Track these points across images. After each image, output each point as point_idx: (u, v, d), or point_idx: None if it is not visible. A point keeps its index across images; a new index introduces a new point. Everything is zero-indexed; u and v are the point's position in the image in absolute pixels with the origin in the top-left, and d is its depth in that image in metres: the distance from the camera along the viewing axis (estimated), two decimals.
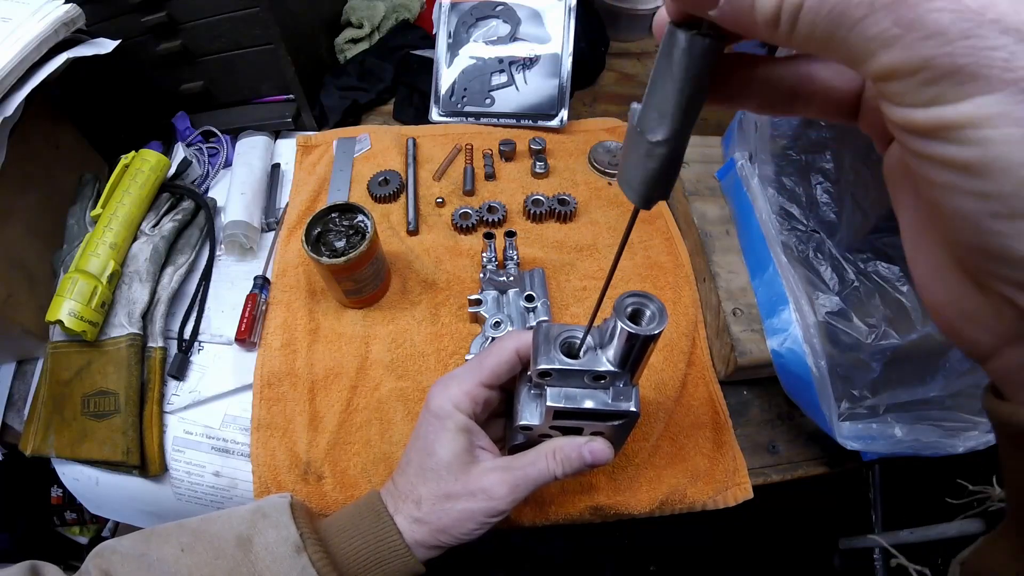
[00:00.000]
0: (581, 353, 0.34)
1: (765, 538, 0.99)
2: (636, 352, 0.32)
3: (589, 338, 0.34)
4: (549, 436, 0.40)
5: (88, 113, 0.68)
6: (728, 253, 0.60)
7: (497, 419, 0.46)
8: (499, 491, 0.38)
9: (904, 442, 0.48)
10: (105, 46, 0.59)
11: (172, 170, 0.67)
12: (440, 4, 0.76)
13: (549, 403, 0.35)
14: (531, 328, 0.39)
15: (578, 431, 0.39)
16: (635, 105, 0.21)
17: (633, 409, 0.35)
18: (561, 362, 0.33)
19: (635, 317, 0.32)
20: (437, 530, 0.39)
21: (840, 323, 0.48)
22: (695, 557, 1.04)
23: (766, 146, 0.56)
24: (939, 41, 0.13)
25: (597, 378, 0.34)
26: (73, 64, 0.56)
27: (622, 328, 0.31)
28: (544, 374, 0.34)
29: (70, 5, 0.56)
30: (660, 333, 0.31)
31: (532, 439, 0.40)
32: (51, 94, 0.60)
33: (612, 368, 0.33)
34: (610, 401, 0.35)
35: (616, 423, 0.37)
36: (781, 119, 0.52)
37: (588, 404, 0.35)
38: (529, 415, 0.38)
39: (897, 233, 0.21)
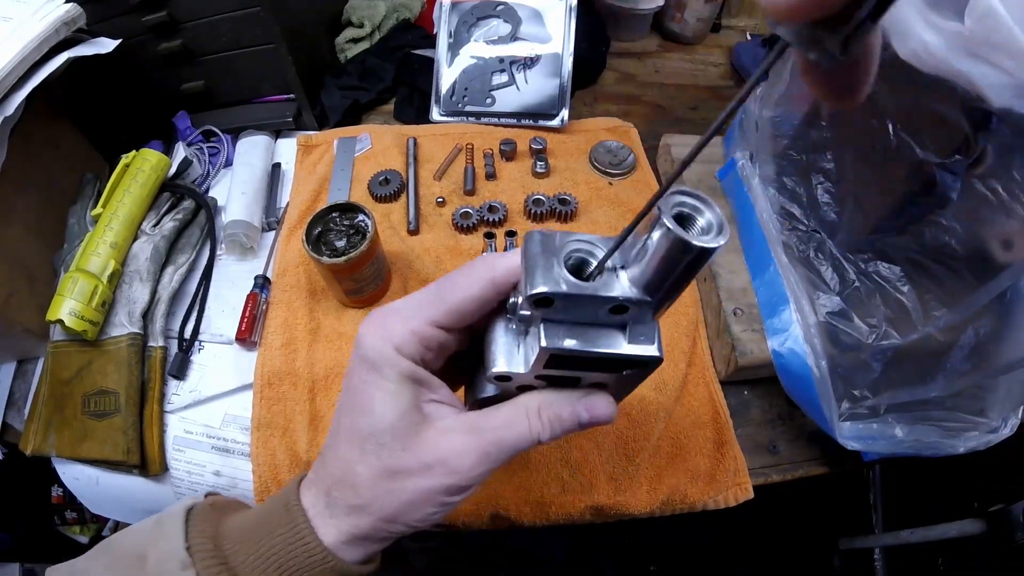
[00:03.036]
0: (593, 275, 0.24)
1: (765, 538, 0.99)
2: (679, 273, 0.23)
3: (616, 256, 0.24)
4: (532, 388, 0.29)
5: (89, 113, 0.68)
6: (729, 253, 0.60)
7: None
8: (463, 462, 0.28)
9: (905, 442, 0.48)
10: (106, 45, 0.59)
11: (173, 169, 0.67)
12: (441, 4, 0.76)
13: (544, 344, 0.25)
14: (513, 249, 0.28)
15: (573, 381, 0.29)
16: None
17: (656, 354, 0.25)
18: (569, 284, 0.23)
19: (682, 223, 0.22)
20: (384, 519, 0.29)
21: (841, 323, 0.48)
22: (695, 557, 1.04)
23: (767, 146, 0.56)
24: None
25: (616, 310, 0.24)
26: (74, 64, 0.56)
27: (669, 232, 0.21)
28: (542, 301, 0.24)
29: (71, 4, 0.56)
30: (717, 249, 0.22)
31: (508, 392, 0.30)
32: (52, 94, 0.59)
33: (638, 295, 0.24)
34: (626, 343, 0.25)
35: (626, 372, 0.27)
36: (782, 119, 0.52)
37: (598, 347, 0.25)
38: (508, 360, 0.27)
39: (897, 234, 0.20)
